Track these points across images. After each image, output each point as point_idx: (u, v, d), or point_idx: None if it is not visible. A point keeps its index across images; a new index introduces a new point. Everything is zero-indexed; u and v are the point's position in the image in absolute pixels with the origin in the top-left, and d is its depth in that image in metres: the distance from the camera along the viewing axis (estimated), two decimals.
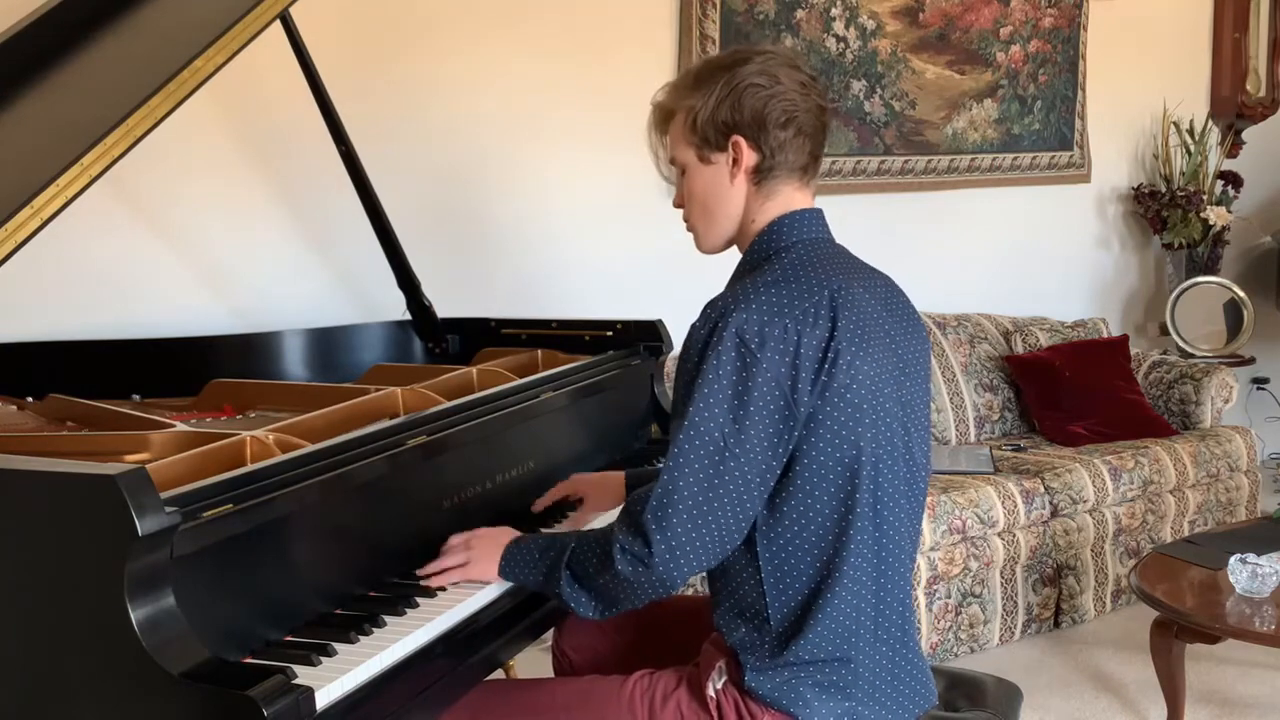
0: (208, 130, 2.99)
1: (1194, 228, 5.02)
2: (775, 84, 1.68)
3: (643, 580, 1.61)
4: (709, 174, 1.74)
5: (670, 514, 1.58)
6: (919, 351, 1.78)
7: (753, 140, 1.70)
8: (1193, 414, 4.36)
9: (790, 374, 1.58)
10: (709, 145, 1.72)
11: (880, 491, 1.66)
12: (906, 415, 1.71)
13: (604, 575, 1.63)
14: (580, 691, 1.79)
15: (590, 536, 1.69)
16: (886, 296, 1.76)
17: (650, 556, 1.58)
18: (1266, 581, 2.83)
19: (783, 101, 1.68)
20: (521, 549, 1.76)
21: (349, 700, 1.46)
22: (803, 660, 1.64)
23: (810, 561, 1.63)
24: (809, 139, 1.72)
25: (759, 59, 1.70)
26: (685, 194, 1.79)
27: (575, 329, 2.67)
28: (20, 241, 1.64)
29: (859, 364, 1.61)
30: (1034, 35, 4.79)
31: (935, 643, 3.46)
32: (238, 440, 1.76)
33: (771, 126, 1.69)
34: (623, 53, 3.73)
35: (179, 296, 3.01)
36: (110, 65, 2.09)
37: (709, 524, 1.59)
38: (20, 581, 1.38)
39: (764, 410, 1.57)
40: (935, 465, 3.79)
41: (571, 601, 1.68)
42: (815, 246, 1.72)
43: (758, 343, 1.57)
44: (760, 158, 1.71)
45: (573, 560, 1.68)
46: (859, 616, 1.65)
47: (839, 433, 1.60)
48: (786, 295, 1.61)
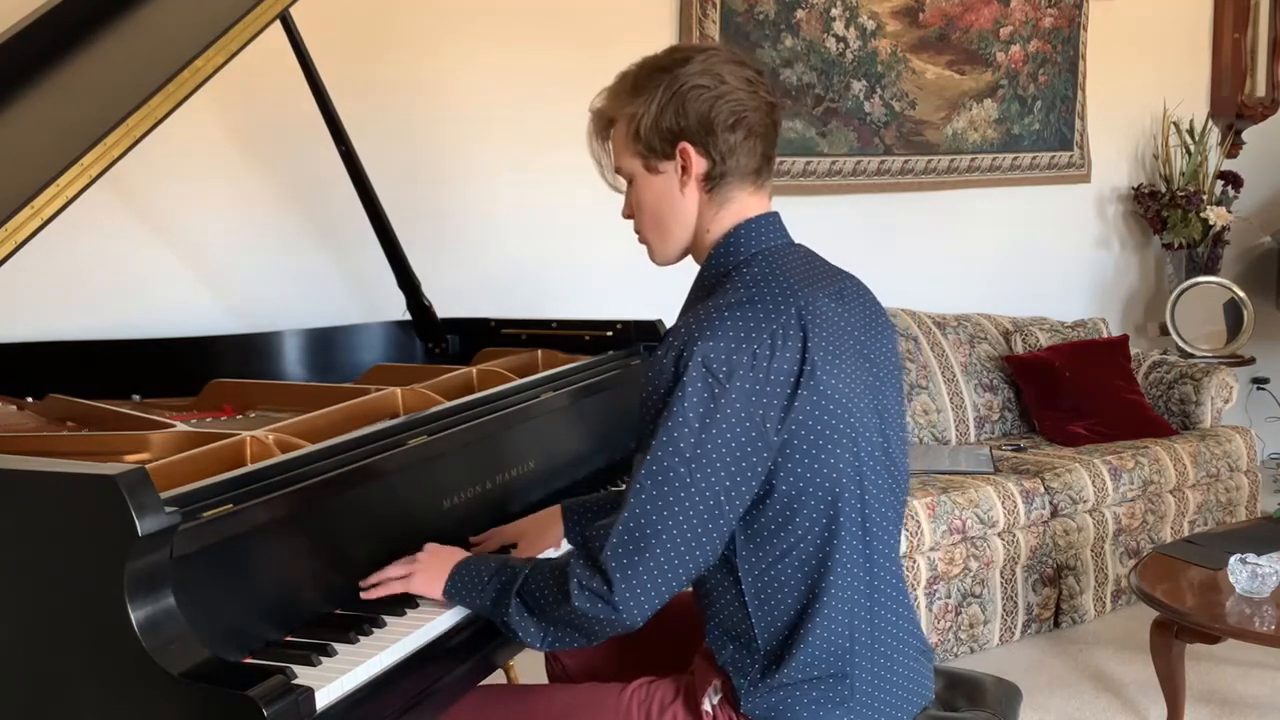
0: (208, 130, 2.99)
1: (1194, 228, 5.02)
2: (720, 84, 1.60)
3: (602, 618, 1.54)
4: (658, 184, 1.66)
5: (633, 552, 1.51)
6: (889, 354, 1.72)
7: (701, 146, 1.61)
8: (1193, 414, 4.36)
9: (761, 402, 1.51)
10: (655, 154, 1.64)
11: (867, 508, 1.61)
12: (884, 424, 1.66)
13: (560, 609, 1.56)
14: (577, 699, 1.78)
15: (545, 567, 1.61)
16: (853, 301, 1.68)
17: (611, 595, 1.52)
18: (1266, 581, 2.83)
19: (729, 102, 1.60)
20: (470, 569, 1.68)
21: (349, 700, 1.46)
22: (796, 680, 1.60)
23: (795, 584, 1.59)
24: (760, 139, 1.64)
25: (700, 57, 1.62)
26: (634, 205, 1.70)
27: (575, 329, 2.67)
28: (20, 241, 1.64)
29: (833, 381, 1.55)
30: (1034, 35, 4.79)
31: (935, 643, 3.46)
32: (238, 440, 1.76)
33: (720, 130, 1.60)
34: (623, 52, 3.68)
35: (179, 296, 3.01)
36: (110, 65, 2.09)
37: (671, 559, 1.52)
38: (20, 581, 1.38)
39: (731, 443, 1.51)
40: (935, 465, 3.80)
41: (519, 630, 1.61)
42: (776, 256, 1.64)
43: (725, 372, 1.50)
44: (710, 164, 1.62)
45: (524, 589, 1.60)
46: (853, 633, 1.61)
47: (816, 456, 1.55)
48: (752, 318, 1.54)
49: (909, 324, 4.23)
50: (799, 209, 4.03)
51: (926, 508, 3.39)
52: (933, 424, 4.18)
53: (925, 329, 4.28)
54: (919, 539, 3.36)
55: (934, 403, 4.20)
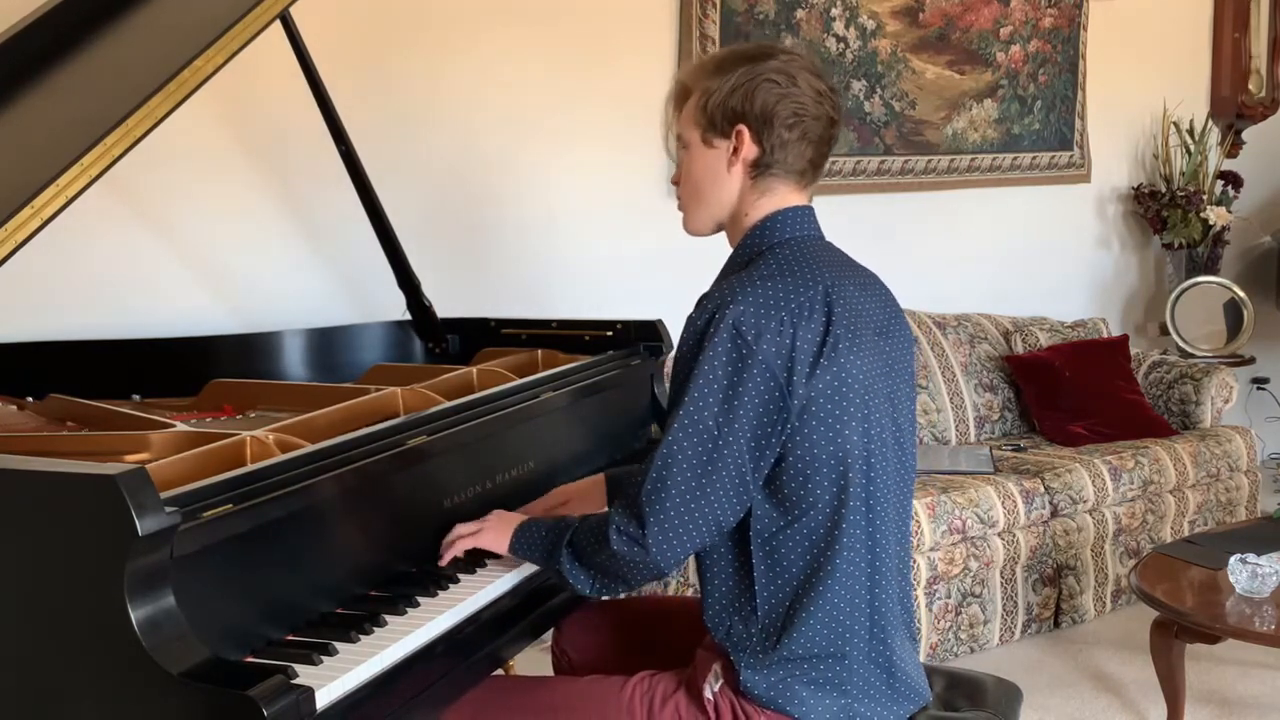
0: (208, 130, 2.99)
1: (1194, 228, 5.02)
2: (791, 85, 1.71)
3: (637, 560, 1.65)
4: (709, 157, 1.76)
5: (663, 496, 1.62)
6: (905, 350, 1.81)
7: (756, 133, 1.71)
8: (1193, 414, 4.36)
9: (785, 366, 1.60)
10: (714, 130, 1.74)
11: (873, 486, 1.68)
12: (896, 411, 1.74)
13: (601, 554, 1.68)
14: (580, 692, 1.80)
15: (592, 519, 1.74)
16: (875, 293, 1.79)
17: (644, 537, 1.62)
18: (1266, 581, 2.83)
19: (794, 103, 1.71)
20: (531, 527, 1.81)
21: (350, 700, 1.46)
22: (797, 656, 1.65)
23: (802, 553, 1.65)
24: (812, 145, 1.75)
25: (783, 57, 1.73)
26: (684, 171, 1.81)
27: (575, 329, 2.67)
28: (20, 241, 1.64)
29: (852, 358, 1.65)
30: (1034, 35, 4.79)
31: (935, 643, 3.46)
32: (238, 440, 1.76)
33: (778, 124, 1.71)
34: (623, 52, 3.73)
35: (179, 296, 3.01)
36: (110, 65, 2.09)
37: (700, 508, 1.62)
38: (20, 581, 1.38)
39: (756, 401, 1.60)
40: (935, 465, 3.80)
41: (570, 578, 1.73)
42: (807, 243, 1.74)
43: (754, 334, 1.60)
44: (761, 152, 1.72)
45: (574, 539, 1.73)
46: (854, 612, 1.66)
47: (832, 425, 1.63)
48: (783, 289, 1.64)
49: (909, 324, 4.22)
50: None
51: (926, 508, 3.39)
52: (933, 424, 4.18)
53: (925, 329, 4.28)
54: (919, 539, 3.36)
55: (934, 403, 4.20)
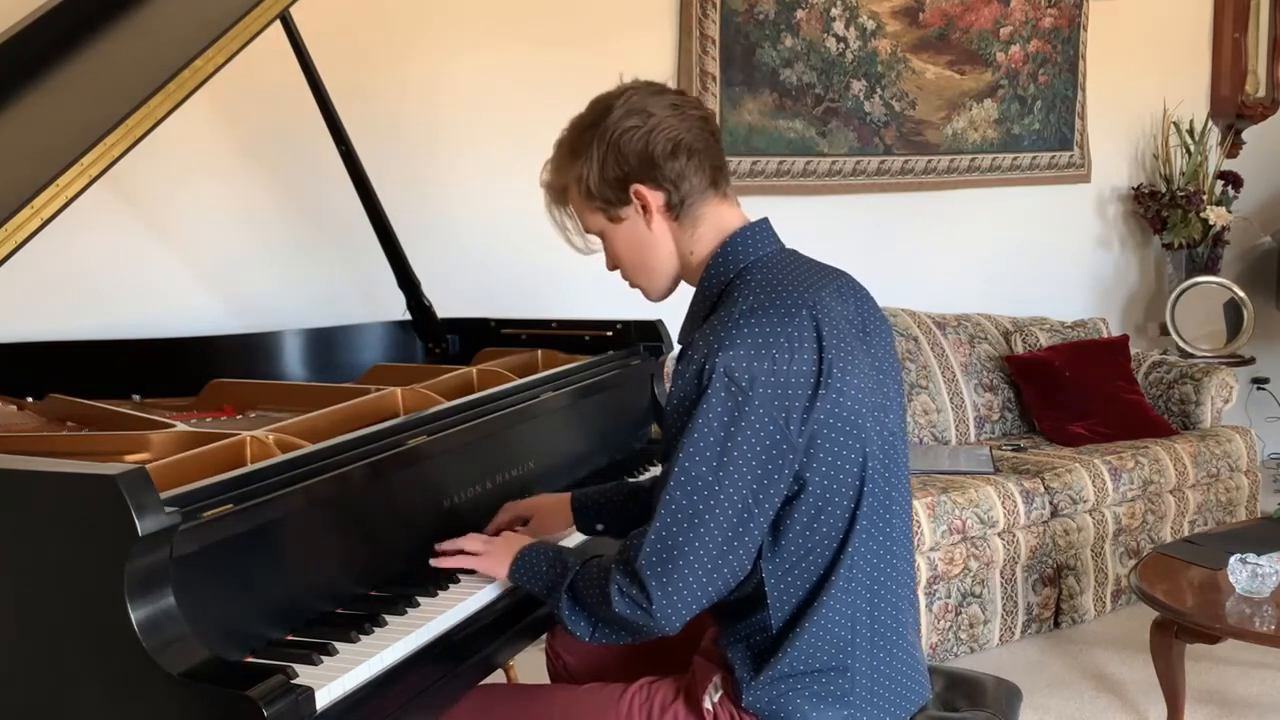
0: (208, 130, 2.99)
1: (1194, 228, 5.02)
2: (647, 118, 1.65)
3: (641, 624, 1.59)
4: (626, 230, 1.71)
5: (666, 561, 1.55)
6: (886, 344, 1.75)
7: (651, 182, 1.66)
8: (1193, 414, 4.36)
9: (784, 405, 1.55)
10: (613, 204, 1.69)
11: (879, 499, 1.64)
12: (885, 415, 1.69)
13: (603, 610, 1.61)
14: (579, 699, 1.79)
15: (592, 566, 1.66)
16: (851, 297, 1.72)
17: (649, 604, 1.56)
18: (1266, 581, 2.83)
19: (661, 134, 1.65)
20: (531, 556, 1.75)
21: (350, 700, 1.46)
22: (797, 671, 1.62)
23: (811, 574, 1.62)
24: (703, 154, 1.68)
25: (620, 102, 1.67)
26: (615, 257, 1.76)
27: (575, 329, 2.67)
28: (20, 241, 1.64)
29: (847, 378, 1.59)
30: (1034, 35, 4.79)
31: (935, 643, 3.46)
32: (238, 440, 1.76)
33: (662, 161, 1.65)
34: (623, 52, 3.72)
35: (179, 296, 3.01)
36: (110, 65, 2.09)
37: (706, 567, 1.56)
38: (20, 581, 1.38)
39: (756, 448, 1.54)
40: (935, 465, 3.80)
41: (569, 624, 1.67)
42: (774, 262, 1.68)
43: (748, 380, 1.54)
44: (666, 194, 1.67)
45: (574, 585, 1.66)
46: (854, 625, 1.63)
47: (838, 453, 1.59)
48: (768, 324, 1.57)
49: (909, 324, 4.23)
50: (799, 209, 4.06)
51: (926, 508, 3.39)
52: (933, 424, 4.18)
53: (925, 329, 4.28)
54: (919, 539, 3.36)
55: (934, 403, 4.20)
